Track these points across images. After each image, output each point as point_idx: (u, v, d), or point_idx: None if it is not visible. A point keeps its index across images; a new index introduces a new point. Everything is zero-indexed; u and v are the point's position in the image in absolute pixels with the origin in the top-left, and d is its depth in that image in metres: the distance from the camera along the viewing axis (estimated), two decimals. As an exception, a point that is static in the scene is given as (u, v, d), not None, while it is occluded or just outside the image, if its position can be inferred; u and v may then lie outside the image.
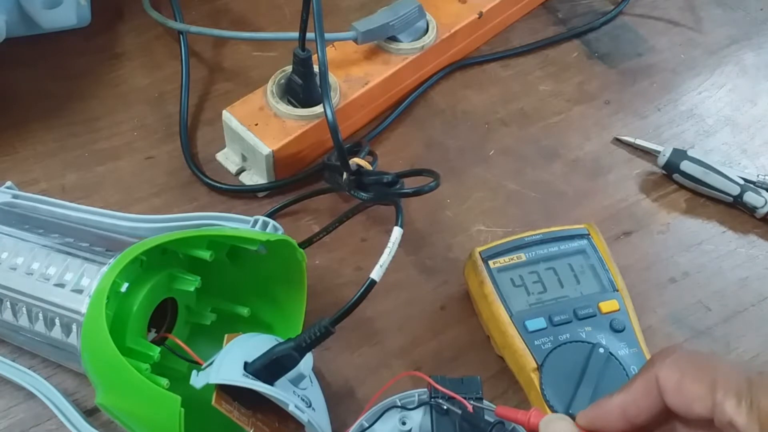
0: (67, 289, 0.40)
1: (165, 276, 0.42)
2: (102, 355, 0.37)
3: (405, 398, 0.42)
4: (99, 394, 0.38)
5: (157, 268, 0.42)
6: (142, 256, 0.40)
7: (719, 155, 0.60)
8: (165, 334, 0.44)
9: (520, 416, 0.36)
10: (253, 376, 0.36)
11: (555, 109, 0.62)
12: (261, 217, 0.43)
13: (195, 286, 0.42)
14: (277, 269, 0.44)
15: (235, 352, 0.38)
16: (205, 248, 0.41)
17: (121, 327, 0.39)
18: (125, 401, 0.37)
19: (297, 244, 0.43)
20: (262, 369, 0.37)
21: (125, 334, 0.39)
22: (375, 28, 0.56)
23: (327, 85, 0.50)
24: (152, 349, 0.40)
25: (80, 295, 0.40)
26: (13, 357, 0.46)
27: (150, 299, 0.41)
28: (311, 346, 0.38)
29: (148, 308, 0.41)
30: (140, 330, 0.41)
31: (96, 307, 0.37)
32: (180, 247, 0.41)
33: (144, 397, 0.36)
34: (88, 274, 0.41)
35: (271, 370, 0.37)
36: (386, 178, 0.49)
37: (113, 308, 0.39)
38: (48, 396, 0.43)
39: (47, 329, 0.41)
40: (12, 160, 0.55)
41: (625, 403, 0.33)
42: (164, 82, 0.60)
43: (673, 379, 0.31)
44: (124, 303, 0.40)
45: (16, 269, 0.42)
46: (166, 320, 0.44)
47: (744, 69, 0.66)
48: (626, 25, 0.68)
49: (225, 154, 0.56)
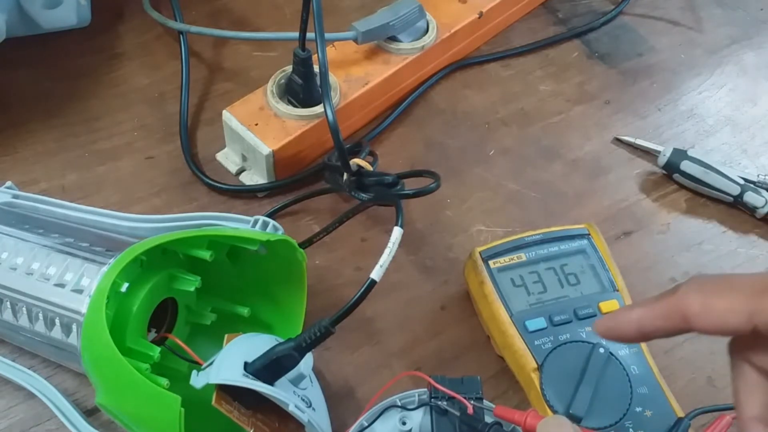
0: (67, 289, 0.40)
1: (165, 276, 0.42)
2: (102, 355, 0.37)
3: (405, 398, 0.42)
4: (99, 393, 0.38)
5: (157, 268, 0.41)
6: (142, 256, 0.40)
7: (719, 155, 0.60)
8: (165, 334, 0.44)
9: (518, 417, 0.36)
10: (253, 376, 0.36)
11: (555, 109, 0.62)
12: (261, 217, 0.43)
13: (195, 286, 0.42)
14: (277, 269, 0.44)
15: (235, 353, 0.38)
16: (205, 248, 0.41)
17: (121, 327, 0.39)
18: (125, 401, 0.37)
19: (297, 244, 0.43)
20: (262, 369, 0.37)
21: (125, 334, 0.39)
22: (375, 28, 0.56)
23: (327, 85, 0.50)
24: (152, 349, 0.40)
25: (80, 295, 0.40)
26: (13, 357, 0.46)
27: (150, 299, 0.41)
28: (311, 346, 0.38)
29: (149, 308, 0.41)
30: (140, 330, 0.41)
31: (96, 307, 0.37)
32: (180, 247, 0.41)
33: (144, 397, 0.36)
34: (88, 274, 0.41)
35: (271, 370, 0.37)
36: (387, 179, 0.49)
37: (113, 308, 0.39)
38: (48, 396, 0.43)
39: (47, 329, 0.41)
40: (12, 160, 0.55)
41: (643, 320, 0.33)
42: (164, 82, 0.60)
43: (698, 302, 0.31)
44: (124, 303, 0.40)
45: (17, 269, 0.42)
46: (166, 320, 0.44)
47: (744, 69, 0.66)
48: (626, 25, 0.68)
49: (225, 154, 0.56)
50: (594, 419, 0.41)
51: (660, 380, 0.43)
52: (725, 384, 0.48)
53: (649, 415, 0.42)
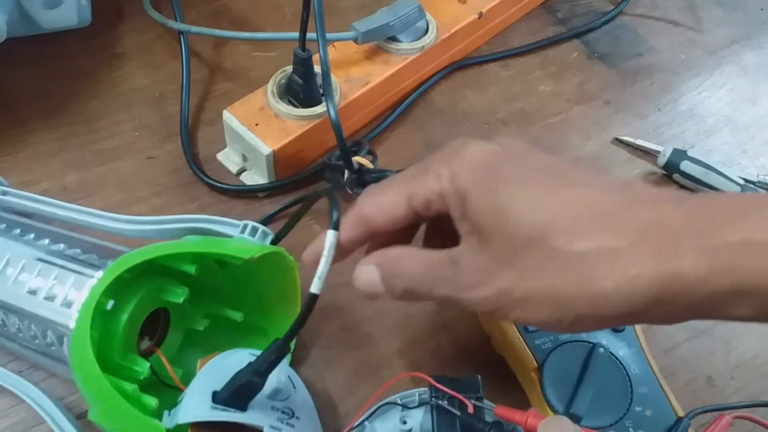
0: (56, 303, 0.39)
1: (152, 288, 0.41)
2: (88, 378, 0.37)
3: (406, 398, 0.42)
4: (90, 410, 0.38)
5: (144, 281, 0.41)
6: (126, 274, 0.39)
7: (719, 155, 0.60)
8: (153, 348, 0.43)
9: (518, 417, 0.36)
10: (224, 405, 0.36)
11: (555, 109, 0.62)
12: (250, 223, 0.42)
13: (183, 297, 0.41)
14: (269, 274, 0.43)
15: (203, 383, 0.37)
16: (190, 262, 0.41)
17: (108, 344, 0.39)
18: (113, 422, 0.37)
19: (286, 252, 0.42)
20: (231, 396, 0.36)
21: (113, 351, 0.39)
22: (375, 28, 0.56)
23: (330, 86, 0.50)
24: (141, 365, 0.39)
25: (69, 309, 0.39)
26: (6, 361, 0.45)
27: (138, 313, 0.40)
28: (271, 368, 0.37)
29: (137, 321, 0.41)
30: (130, 344, 0.40)
31: (81, 329, 0.37)
32: (165, 261, 0.41)
33: (130, 422, 0.36)
34: (76, 286, 0.40)
35: (241, 394, 0.37)
36: (388, 175, 0.49)
37: (99, 328, 0.38)
38: (37, 402, 0.42)
39: (41, 339, 0.41)
40: (12, 160, 0.55)
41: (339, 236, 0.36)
42: (164, 82, 0.60)
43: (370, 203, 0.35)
44: (112, 320, 0.39)
45: (8, 282, 0.41)
46: (160, 325, 0.44)
47: (744, 69, 0.66)
48: (626, 25, 0.68)
49: (226, 154, 0.56)
50: (594, 419, 0.41)
51: (660, 380, 0.43)
52: (725, 384, 0.48)
53: (649, 415, 0.42)
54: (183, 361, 0.44)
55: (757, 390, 0.48)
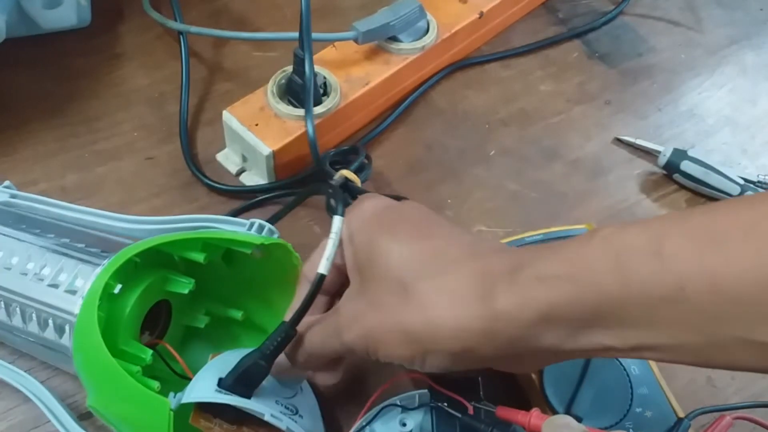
0: (60, 290, 0.40)
1: (159, 278, 0.41)
2: (93, 358, 0.37)
3: (405, 399, 0.42)
4: (90, 396, 0.38)
5: (151, 270, 0.41)
6: (136, 258, 0.40)
7: (719, 155, 0.60)
8: (157, 340, 0.43)
9: (521, 417, 0.36)
10: (228, 391, 0.36)
11: (555, 109, 0.62)
12: (257, 220, 0.42)
13: (189, 288, 0.41)
14: (272, 272, 0.44)
15: (211, 370, 0.37)
16: (199, 251, 0.41)
17: (113, 329, 0.39)
18: (116, 404, 0.37)
19: (292, 248, 0.42)
20: (236, 383, 0.36)
21: (117, 336, 0.39)
22: (376, 28, 0.56)
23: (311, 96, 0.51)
24: (144, 351, 0.39)
25: (74, 296, 0.40)
26: (12, 359, 0.45)
27: (143, 301, 0.41)
28: (277, 352, 0.37)
29: (142, 310, 0.41)
30: (133, 332, 0.40)
31: (88, 308, 0.37)
32: (174, 249, 0.41)
33: (134, 400, 0.36)
34: (82, 274, 0.40)
35: (246, 382, 0.37)
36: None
37: (105, 310, 0.38)
38: (42, 399, 0.42)
39: (41, 330, 0.41)
40: (12, 161, 0.55)
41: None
42: (164, 82, 0.60)
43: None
44: (117, 304, 0.39)
45: (11, 269, 0.42)
46: (160, 323, 0.44)
47: (744, 69, 0.66)
48: (626, 25, 0.68)
49: (225, 155, 0.56)
50: (594, 420, 0.41)
51: (660, 380, 0.43)
52: (725, 384, 0.48)
53: (649, 416, 0.42)
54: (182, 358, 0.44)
55: (757, 390, 0.48)
